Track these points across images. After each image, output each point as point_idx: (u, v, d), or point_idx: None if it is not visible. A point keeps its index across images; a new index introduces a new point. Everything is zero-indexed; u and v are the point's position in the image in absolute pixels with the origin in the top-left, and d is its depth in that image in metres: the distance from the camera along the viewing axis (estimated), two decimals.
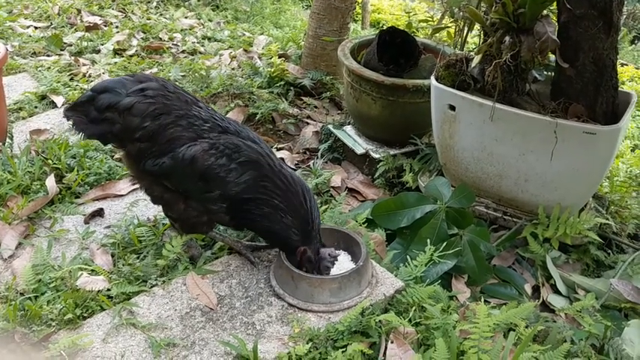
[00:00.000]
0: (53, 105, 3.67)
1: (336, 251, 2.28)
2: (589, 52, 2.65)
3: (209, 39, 5.53)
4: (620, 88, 2.82)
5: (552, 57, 2.80)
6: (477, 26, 3.01)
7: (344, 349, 1.95)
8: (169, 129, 2.15)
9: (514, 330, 2.12)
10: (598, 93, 2.71)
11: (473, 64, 2.89)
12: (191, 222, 2.30)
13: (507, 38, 2.63)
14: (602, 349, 2.28)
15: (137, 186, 2.79)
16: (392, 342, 2.01)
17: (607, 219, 2.98)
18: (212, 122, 2.20)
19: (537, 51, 2.56)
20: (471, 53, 3.01)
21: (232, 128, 2.23)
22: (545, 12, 2.62)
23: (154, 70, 4.44)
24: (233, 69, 4.65)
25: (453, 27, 3.16)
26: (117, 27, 5.36)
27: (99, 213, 2.69)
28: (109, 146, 3.13)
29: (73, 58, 4.48)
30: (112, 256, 2.40)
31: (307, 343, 1.97)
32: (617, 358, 2.24)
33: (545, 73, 3.12)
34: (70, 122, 2.22)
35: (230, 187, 2.15)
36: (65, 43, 4.78)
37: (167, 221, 2.54)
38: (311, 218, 2.22)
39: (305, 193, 2.22)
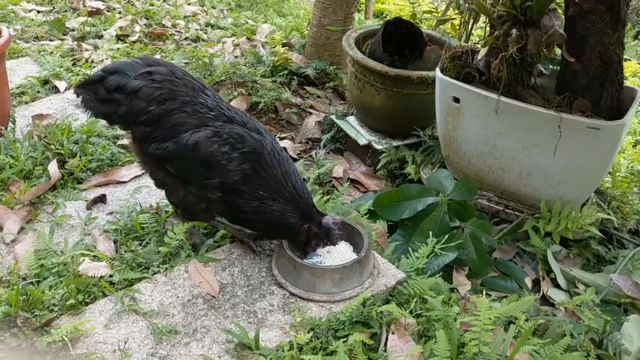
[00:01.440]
0: (56, 90, 3.66)
1: (336, 217, 2.29)
2: (595, 47, 2.64)
3: (212, 26, 5.50)
4: (624, 84, 2.82)
5: (558, 51, 2.80)
6: (482, 18, 3.00)
7: (345, 339, 1.96)
8: (174, 114, 2.15)
9: (514, 323, 2.13)
10: (603, 88, 2.71)
11: (478, 57, 2.87)
12: (190, 209, 2.30)
13: (514, 31, 2.62)
14: (602, 343, 2.29)
15: (140, 173, 2.81)
16: (393, 333, 2.01)
17: (608, 214, 2.99)
18: (217, 111, 2.20)
19: (544, 45, 2.55)
20: (477, 45, 3.00)
21: (238, 118, 2.23)
22: (552, 5, 2.61)
23: (157, 56, 4.42)
24: (236, 57, 4.63)
25: (458, 19, 3.15)
26: (120, 12, 5.33)
27: (101, 199, 2.69)
28: (112, 133, 3.13)
29: (75, 43, 4.46)
30: (115, 242, 2.40)
31: (308, 333, 1.97)
32: (616, 352, 2.25)
33: (550, 67, 3.11)
34: (79, 99, 2.25)
35: (230, 176, 2.15)
36: (68, 28, 4.77)
37: (169, 208, 2.55)
38: (299, 195, 2.22)
39: (285, 174, 2.20)
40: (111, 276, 2.18)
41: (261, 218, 2.21)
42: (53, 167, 2.73)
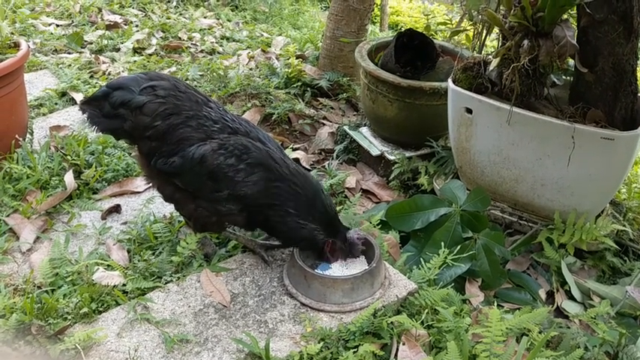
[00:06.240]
0: (73, 102, 3.72)
1: (360, 231, 2.31)
2: (608, 57, 2.62)
3: (227, 39, 5.57)
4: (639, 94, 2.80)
5: (571, 61, 2.78)
6: (496, 29, 3.00)
7: (355, 350, 1.96)
8: (179, 129, 2.15)
9: (527, 335, 2.11)
10: (617, 98, 2.69)
11: (491, 68, 2.87)
12: (201, 221, 2.31)
13: (526, 42, 2.61)
14: (617, 356, 2.27)
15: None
16: (403, 344, 2.01)
17: (624, 226, 2.96)
18: (222, 123, 2.21)
19: (556, 55, 2.54)
20: (489, 56, 3.00)
21: (242, 129, 2.23)
22: (564, 16, 2.60)
23: (173, 69, 4.48)
24: (251, 69, 4.68)
25: (472, 30, 3.15)
26: (137, 26, 5.41)
27: (116, 209, 2.72)
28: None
29: (93, 55, 4.54)
30: (128, 251, 2.43)
31: (319, 343, 1.98)
32: None
33: (563, 77, 3.10)
34: (85, 115, 2.25)
35: (239, 188, 2.16)
36: (86, 41, 4.85)
37: (182, 219, 2.57)
38: (327, 213, 2.24)
39: (316, 193, 2.23)
40: (124, 285, 2.20)
41: (291, 233, 2.24)
42: (69, 177, 2.78)
